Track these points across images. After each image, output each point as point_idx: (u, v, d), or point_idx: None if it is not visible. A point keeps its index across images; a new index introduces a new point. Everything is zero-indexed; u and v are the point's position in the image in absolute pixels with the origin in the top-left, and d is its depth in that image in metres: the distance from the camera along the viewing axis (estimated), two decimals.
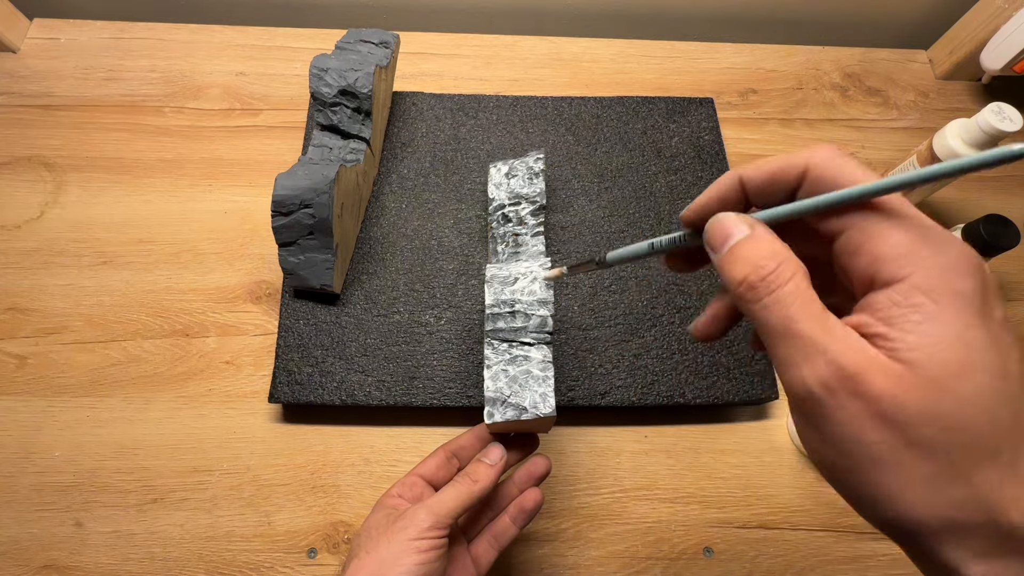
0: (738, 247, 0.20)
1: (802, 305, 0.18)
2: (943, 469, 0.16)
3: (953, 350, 0.16)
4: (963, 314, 0.16)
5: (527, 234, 0.44)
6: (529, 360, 0.36)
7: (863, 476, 0.17)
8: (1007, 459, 0.16)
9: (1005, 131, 0.45)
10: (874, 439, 0.17)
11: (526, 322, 0.35)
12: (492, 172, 0.47)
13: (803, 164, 0.20)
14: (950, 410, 0.16)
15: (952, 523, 0.16)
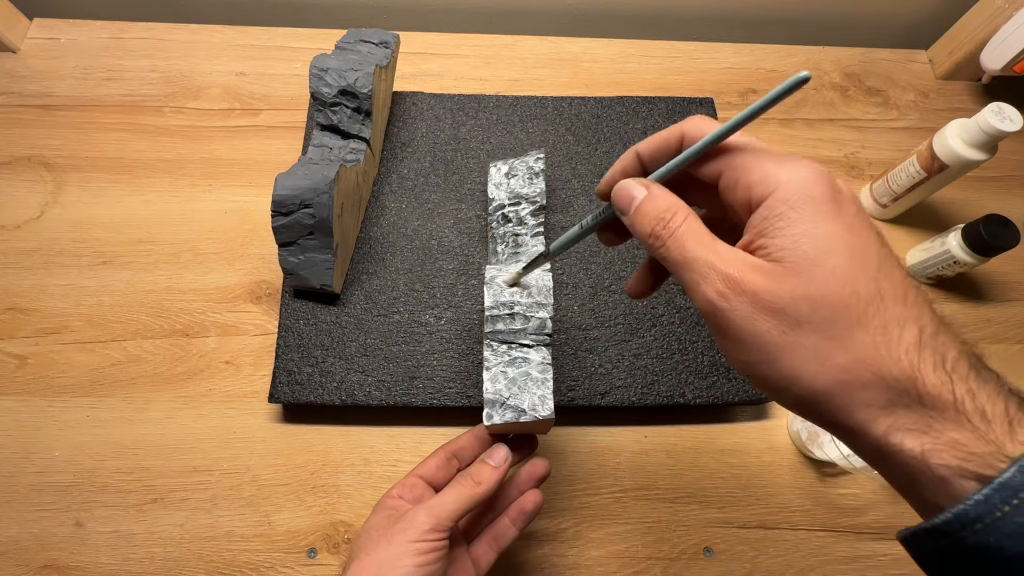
0: (640, 206, 0.24)
1: (695, 239, 0.22)
2: (824, 340, 0.19)
3: (811, 242, 0.20)
4: (818, 214, 0.20)
5: (527, 234, 0.44)
6: (528, 362, 0.36)
7: (769, 365, 0.20)
8: (877, 323, 0.19)
9: (1005, 131, 0.45)
10: (764, 328, 0.20)
11: (525, 324, 0.35)
12: (492, 172, 0.47)
13: (680, 131, 0.24)
14: (816, 290, 0.19)
15: (846, 385, 0.19)
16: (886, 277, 0.20)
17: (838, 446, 0.41)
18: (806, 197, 0.20)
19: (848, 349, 0.19)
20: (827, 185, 0.21)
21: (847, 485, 0.47)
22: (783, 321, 0.20)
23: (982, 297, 0.55)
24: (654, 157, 0.26)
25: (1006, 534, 0.17)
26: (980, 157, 0.48)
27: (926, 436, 0.19)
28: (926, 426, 0.19)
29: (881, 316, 0.19)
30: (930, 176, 0.51)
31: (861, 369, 0.19)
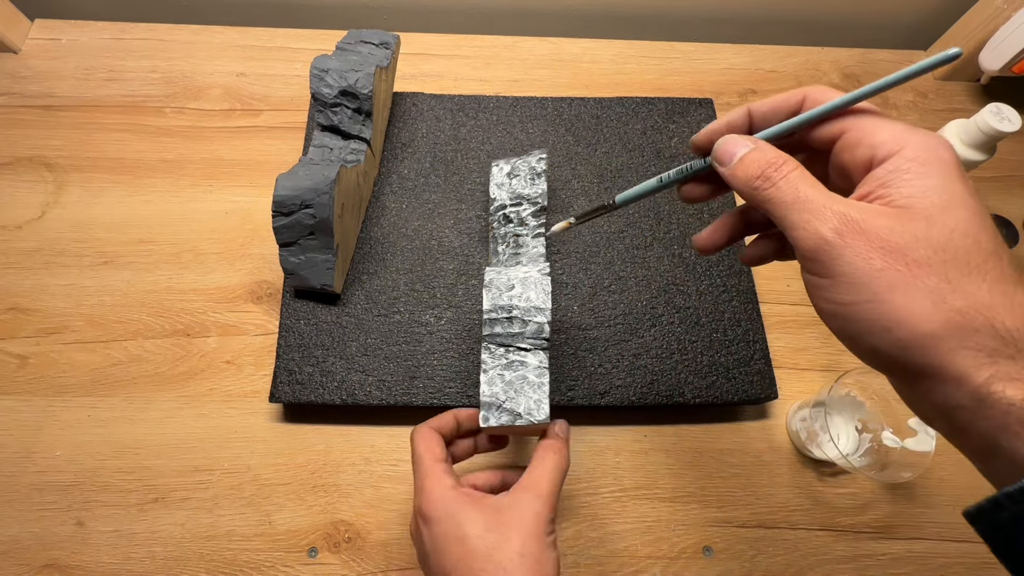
0: (745, 156, 0.24)
1: (809, 181, 0.23)
2: (941, 282, 0.20)
3: (940, 194, 0.21)
4: (947, 173, 0.21)
5: (528, 235, 0.44)
6: (525, 365, 0.36)
7: (877, 304, 0.20)
8: (995, 275, 0.20)
9: (1004, 131, 0.46)
10: (882, 266, 0.20)
11: (523, 328, 0.35)
12: (494, 171, 0.47)
13: (802, 95, 0.25)
14: (940, 235, 0.20)
15: (958, 327, 0.19)
16: (1001, 243, 0.21)
17: (837, 445, 0.41)
18: (937, 158, 0.21)
19: (965, 294, 0.19)
20: (954, 153, 0.22)
21: (846, 485, 0.47)
22: (901, 260, 0.20)
23: None
24: (767, 117, 0.26)
25: None
26: (979, 157, 0.48)
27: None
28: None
29: (999, 270, 0.20)
30: None
31: (975, 314, 0.19)
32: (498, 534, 0.30)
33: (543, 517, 0.31)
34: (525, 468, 0.34)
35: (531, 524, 0.30)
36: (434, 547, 0.31)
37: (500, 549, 0.29)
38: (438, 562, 0.30)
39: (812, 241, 0.21)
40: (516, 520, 0.30)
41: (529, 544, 0.29)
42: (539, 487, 0.32)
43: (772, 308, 0.53)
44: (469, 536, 0.30)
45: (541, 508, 0.31)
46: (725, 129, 0.27)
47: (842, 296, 0.21)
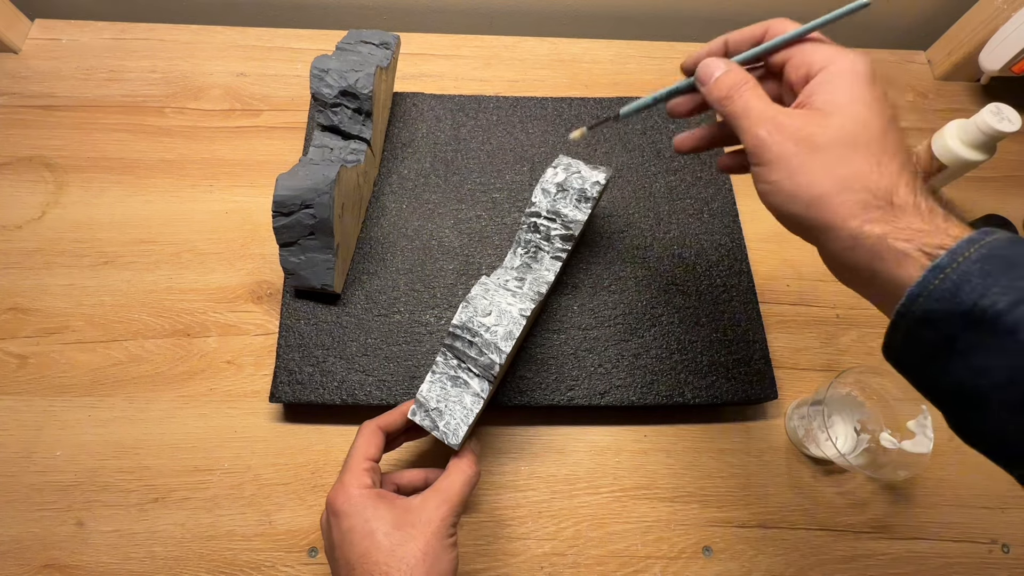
0: (722, 77, 0.31)
1: (758, 97, 0.29)
2: (833, 158, 0.26)
3: (845, 96, 0.28)
4: (857, 82, 0.28)
5: (548, 254, 0.44)
6: (467, 387, 0.37)
7: (789, 179, 0.27)
8: (875, 153, 0.26)
9: (1004, 131, 0.46)
10: (794, 150, 0.27)
11: (478, 356, 0.36)
12: (549, 172, 0.45)
13: (764, 27, 0.32)
14: (837, 125, 0.27)
15: (842, 188, 0.26)
16: (892, 132, 0.27)
17: (836, 445, 0.41)
18: (853, 71, 0.28)
19: (849, 165, 0.26)
20: (870, 68, 0.28)
21: (846, 484, 0.47)
22: (808, 146, 0.27)
23: None
24: (738, 45, 0.33)
25: (935, 299, 0.23)
26: (979, 157, 0.48)
27: (888, 225, 0.25)
28: (890, 220, 0.25)
29: (880, 151, 0.26)
30: (929, 176, 0.51)
31: (855, 180, 0.26)
32: (404, 532, 0.32)
33: (448, 520, 0.33)
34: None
35: (436, 525, 0.33)
36: (341, 540, 0.33)
37: (404, 546, 0.31)
38: (343, 554, 0.32)
39: (752, 139, 0.28)
40: (422, 521, 0.33)
41: (432, 543, 0.32)
42: (448, 493, 0.34)
43: (772, 308, 0.53)
44: (376, 532, 0.32)
45: (447, 512, 0.33)
46: (705, 54, 0.33)
47: (770, 175, 0.28)
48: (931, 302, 0.23)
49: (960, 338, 0.23)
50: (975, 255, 0.23)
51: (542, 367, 0.47)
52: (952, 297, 0.23)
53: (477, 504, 0.45)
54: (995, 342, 0.22)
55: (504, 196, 0.53)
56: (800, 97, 0.29)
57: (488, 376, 0.36)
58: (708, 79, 0.31)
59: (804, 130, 0.27)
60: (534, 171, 0.55)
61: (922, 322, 0.24)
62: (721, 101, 0.30)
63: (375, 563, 0.31)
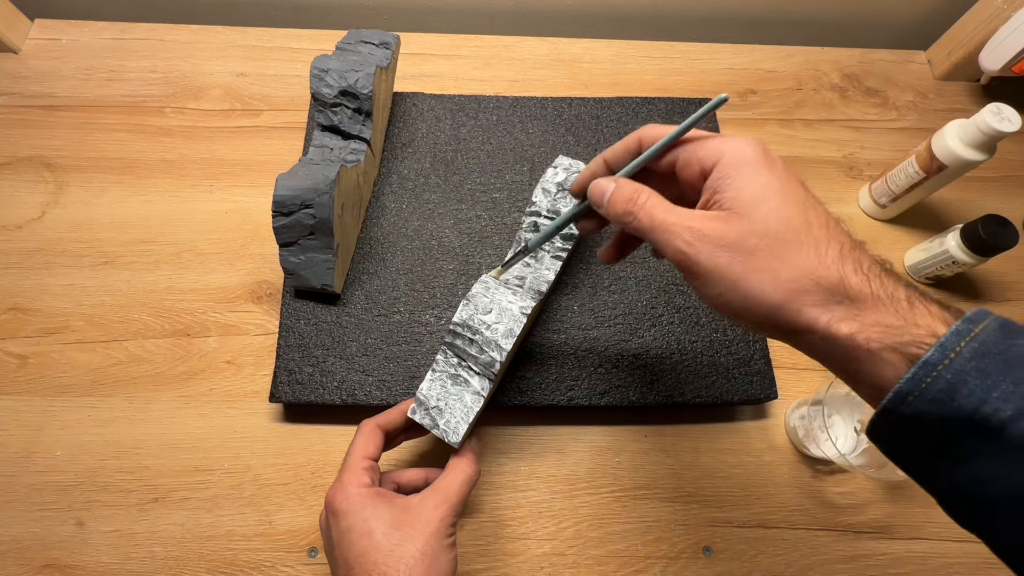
0: (613, 196, 0.30)
1: (661, 206, 0.28)
2: (772, 261, 0.25)
3: (751, 191, 0.26)
4: (754, 171, 0.26)
5: (547, 253, 0.44)
6: (468, 385, 0.37)
7: (734, 291, 0.26)
8: (809, 244, 0.25)
9: (1004, 131, 0.46)
10: (727, 261, 0.25)
11: (479, 354, 0.36)
12: (549, 172, 0.45)
13: (637, 138, 0.31)
14: (759, 225, 0.25)
15: (794, 293, 0.24)
16: (812, 211, 0.26)
17: (835, 444, 0.41)
18: (745, 159, 0.27)
19: (791, 266, 0.25)
20: (760, 150, 0.27)
21: (845, 484, 0.47)
22: (739, 252, 0.25)
23: (981, 297, 0.55)
24: (617, 161, 0.32)
25: (929, 400, 0.22)
26: (979, 157, 0.48)
27: (854, 321, 0.24)
28: (855, 315, 0.24)
29: (811, 239, 0.25)
30: (929, 176, 0.51)
31: (803, 279, 0.24)
32: (402, 532, 0.32)
33: (447, 520, 0.33)
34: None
35: (435, 525, 0.33)
36: (339, 539, 0.33)
37: (402, 546, 0.31)
38: (342, 553, 0.32)
39: (674, 255, 0.27)
40: (421, 521, 0.33)
41: (431, 543, 0.32)
42: (448, 492, 0.34)
43: None
44: (374, 532, 0.32)
45: (446, 512, 0.33)
46: (590, 177, 0.33)
47: (711, 289, 0.26)
48: (924, 403, 0.22)
49: (959, 443, 0.22)
50: (967, 351, 0.22)
51: (542, 367, 0.47)
52: (949, 400, 0.22)
53: (477, 504, 0.45)
54: (1002, 454, 0.21)
55: (504, 196, 0.53)
56: (704, 196, 0.28)
57: (489, 374, 0.36)
58: (601, 199, 0.30)
59: (728, 236, 0.25)
60: (534, 171, 0.55)
61: (914, 421, 0.23)
62: (623, 218, 0.29)
63: (373, 563, 0.31)
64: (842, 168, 0.61)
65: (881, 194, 0.56)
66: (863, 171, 0.61)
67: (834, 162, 0.61)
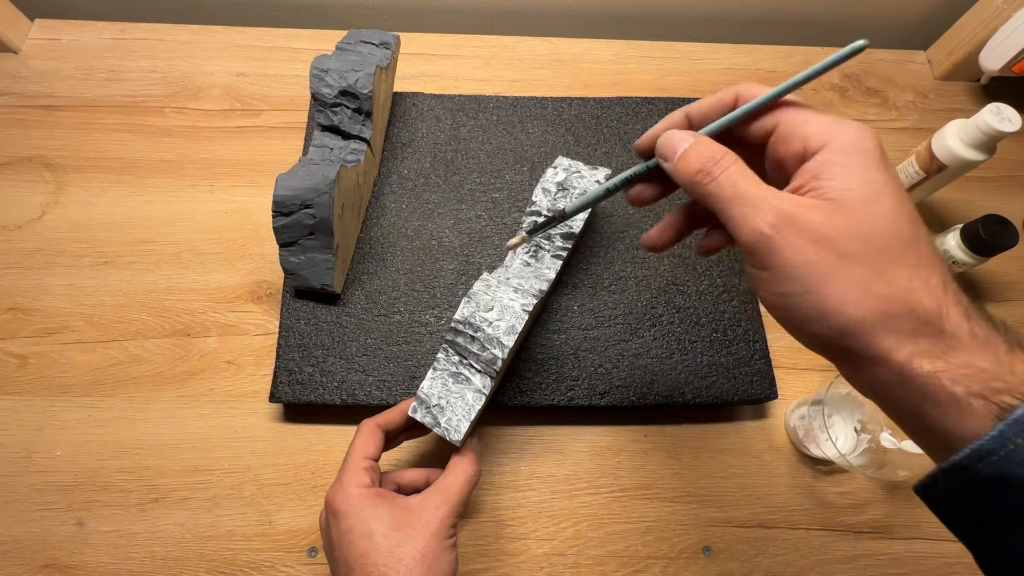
0: (687, 152, 0.25)
1: (747, 176, 0.24)
2: (868, 272, 0.21)
3: (865, 187, 0.22)
4: (871, 163, 0.22)
5: (548, 252, 0.44)
6: (469, 383, 0.37)
7: (811, 295, 0.22)
8: (914, 263, 0.21)
9: (1004, 131, 0.46)
10: (815, 259, 0.22)
11: (480, 351, 0.36)
12: (549, 172, 0.45)
13: (735, 93, 0.26)
14: (867, 227, 0.21)
15: (883, 314, 0.21)
16: (921, 227, 0.22)
17: (835, 444, 0.41)
18: (862, 148, 0.22)
19: (889, 282, 0.21)
20: (877, 142, 0.23)
21: (845, 484, 0.47)
22: (833, 252, 0.21)
23: (981, 297, 0.55)
24: (705, 116, 0.27)
25: (1017, 463, 0.19)
26: (979, 157, 0.48)
27: (941, 361, 0.21)
28: (943, 352, 0.21)
29: (918, 257, 0.21)
30: (929, 176, 0.51)
31: (897, 300, 0.21)
32: (403, 534, 0.32)
33: (447, 521, 0.33)
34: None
35: (435, 526, 0.32)
36: (340, 540, 0.32)
37: (403, 547, 0.31)
38: (342, 554, 0.32)
39: (751, 235, 0.23)
40: (422, 521, 0.32)
41: (431, 544, 0.32)
42: (448, 493, 0.34)
43: None
44: (375, 533, 0.32)
45: (447, 513, 0.33)
46: (664, 130, 0.28)
47: (781, 287, 0.23)
48: (1011, 465, 0.19)
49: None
50: None
51: (542, 367, 0.47)
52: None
53: (477, 504, 0.45)
54: None
55: (504, 196, 0.53)
56: (797, 179, 0.23)
57: (490, 372, 0.36)
58: (672, 154, 0.26)
59: (825, 230, 0.21)
60: (534, 171, 0.55)
61: (993, 484, 0.20)
62: (695, 179, 0.25)
63: (373, 564, 0.31)
64: None
65: None
66: None
67: None
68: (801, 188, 0.23)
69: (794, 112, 0.24)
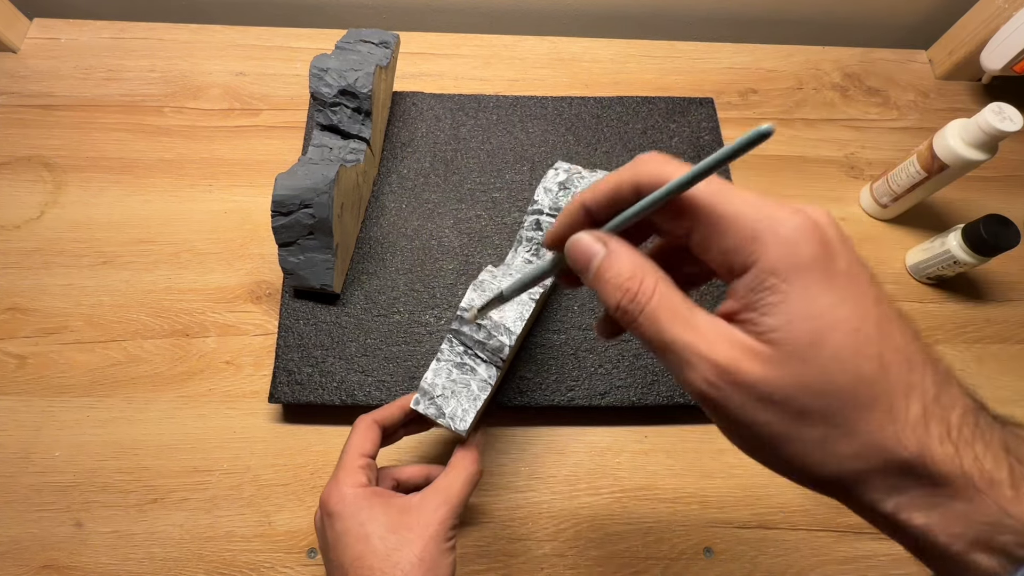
0: (601, 270, 0.21)
1: (669, 315, 0.20)
2: (830, 430, 0.18)
3: (807, 323, 0.18)
4: (810, 285, 0.18)
5: (549, 250, 0.44)
6: (474, 373, 0.36)
7: (771, 452, 0.19)
8: (883, 402, 0.18)
9: (1005, 131, 0.45)
10: (764, 420, 0.18)
11: (487, 339, 0.35)
12: (550, 173, 0.45)
13: (633, 178, 0.21)
14: (818, 379, 0.18)
15: (854, 473, 0.18)
16: (887, 343, 0.18)
17: None
18: (795, 265, 0.18)
19: (854, 436, 0.18)
20: (815, 244, 0.18)
21: None
22: (783, 413, 0.18)
23: (982, 297, 0.55)
24: (607, 209, 0.22)
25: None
26: (980, 157, 0.48)
27: (934, 512, 0.18)
28: (934, 502, 0.18)
29: (886, 393, 0.18)
30: (930, 176, 0.51)
31: (869, 455, 0.18)
32: (400, 536, 0.31)
33: (447, 523, 0.32)
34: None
35: (434, 528, 0.31)
36: (335, 541, 0.32)
37: (400, 551, 0.30)
38: (337, 556, 0.31)
39: (691, 390, 0.20)
40: (420, 524, 0.31)
41: (429, 547, 0.31)
42: (448, 493, 0.33)
43: None
44: (371, 536, 0.31)
45: (447, 514, 0.32)
46: (568, 228, 0.23)
47: (738, 438, 0.20)
48: None
49: None
50: None
51: (542, 367, 0.46)
52: None
53: (477, 506, 0.45)
54: None
55: (504, 196, 0.53)
56: (730, 300, 0.19)
57: (497, 360, 0.35)
58: (586, 267, 0.21)
59: (771, 387, 0.18)
60: (534, 171, 0.55)
61: None
62: (621, 319, 0.21)
63: (369, 568, 0.30)
64: (843, 168, 0.61)
65: (882, 194, 0.56)
66: (864, 171, 0.61)
67: (835, 162, 0.61)
68: (736, 315, 0.19)
69: (709, 212, 0.19)
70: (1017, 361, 0.52)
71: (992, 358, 0.52)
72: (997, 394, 0.50)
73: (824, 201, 0.58)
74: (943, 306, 0.54)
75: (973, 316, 0.54)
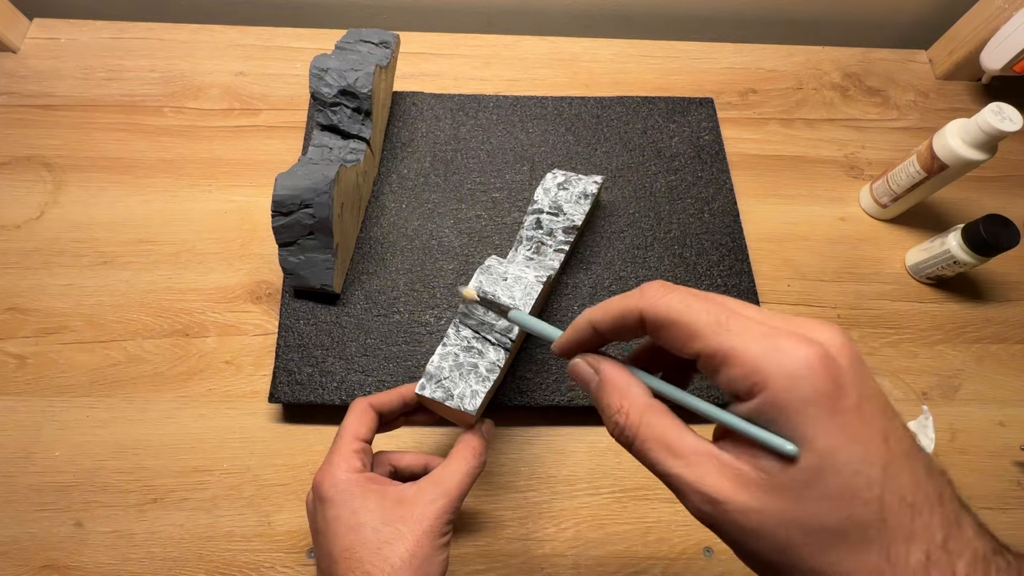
0: (595, 399, 0.23)
1: (657, 447, 0.21)
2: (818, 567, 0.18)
3: (804, 460, 0.18)
4: (812, 423, 0.18)
5: (551, 247, 0.44)
6: (482, 356, 0.35)
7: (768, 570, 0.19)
8: (879, 549, 0.17)
9: (1005, 131, 0.45)
10: (755, 548, 0.19)
11: (496, 320, 0.35)
12: (548, 176, 0.47)
13: (638, 312, 0.21)
14: (806, 517, 0.18)
15: None
16: (891, 485, 0.18)
17: None
18: (800, 400, 0.18)
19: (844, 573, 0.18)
20: (822, 379, 0.18)
21: None
22: (772, 544, 0.18)
23: (982, 297, 0.55)
24: (614, 332, 0.23)
25: None
26: (980, 157, 0.48)
27: None
28: None
29: (883, 537, 0.17)
30: (930, 176, 0.51)
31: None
32: (393, 529, 0.29)
33: (443, 518, 0.30)
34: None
35: (429, 522, 0.30)
36: (326, 528, 0.30)
37: (391, 545, 0.29)
38: (326, 544, 0.30)
39: (692, 513, 0.20)
40: (415, 516, 0.30)
41: (422, 543, 0.29)
42: (447, 485, 0.31)
43: (772, 308, 0.53)
44: (363, 526, 0.29)
45: (444, 508, 0.31)
46: (576, 347, 0.24)
47: (744, 561, 0.20)
48: None
49: None
50: None
51: (542, 367, 0.46)
52: None
53: (477, 505, 0.45)
54: None
55: (504, 196, 0.53)
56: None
57: (505, 342, 0.35)
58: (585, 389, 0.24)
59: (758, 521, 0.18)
60: (534, 171, 0.55)
61: None
62: (619, 442, 0.22)
63: (359, 561, 0.29)
64: (843, 168, 0.61)
65: (882, 194, 0.56)
66: (864, 171, 0.61)
67: (835, 162, 0.61)
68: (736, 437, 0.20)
69: (715, 347, 0.19)
70: (1017, 361, 0.52)
71: (992, 358, 0.52)
72: (997, 394, 0.50)
73: (824, 201, 0.58)
74: (943, 306, 0.54)
75: (973, 316, 0.54)
